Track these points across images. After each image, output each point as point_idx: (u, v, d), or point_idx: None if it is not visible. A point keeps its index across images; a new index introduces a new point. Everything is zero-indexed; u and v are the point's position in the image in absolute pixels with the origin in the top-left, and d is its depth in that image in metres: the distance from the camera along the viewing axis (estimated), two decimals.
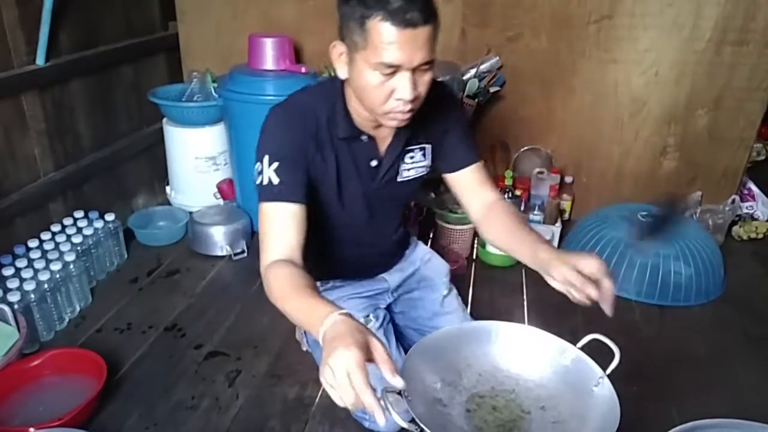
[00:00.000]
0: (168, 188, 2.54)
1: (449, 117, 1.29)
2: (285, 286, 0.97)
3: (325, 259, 1.35)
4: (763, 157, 3.16)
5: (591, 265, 0.97)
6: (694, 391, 1.58)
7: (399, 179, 1.29)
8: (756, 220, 2.49)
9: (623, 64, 2.23)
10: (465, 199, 1.33)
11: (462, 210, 2.21)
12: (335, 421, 1.45)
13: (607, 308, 0.95)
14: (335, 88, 1.17)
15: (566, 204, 2.49)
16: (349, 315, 0.85)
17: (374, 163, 1.24)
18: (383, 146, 1.23)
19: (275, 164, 1.10)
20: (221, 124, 2.36)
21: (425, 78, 1.03)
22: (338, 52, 1.06)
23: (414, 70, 0.99)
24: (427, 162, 1.31)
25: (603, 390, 0.93)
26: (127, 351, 1.67)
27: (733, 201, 2.35)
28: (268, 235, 1.08)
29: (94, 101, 2.15)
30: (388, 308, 1.49)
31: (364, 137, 1.19)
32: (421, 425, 0.82)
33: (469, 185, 1.31)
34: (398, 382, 0.77)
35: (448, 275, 1.55)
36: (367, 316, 1.36)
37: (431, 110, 1.20)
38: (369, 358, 0.78)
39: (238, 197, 2.39)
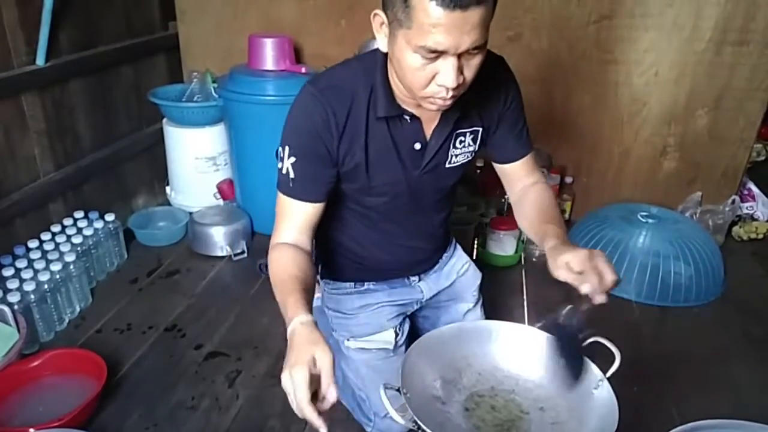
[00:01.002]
0: (168, 188, 2.54)
1: (506, 99, 1.17)
2: (279, 273, 1.00)
3: (364, 256, 1.30)
4: (763, 157, 3.16)
5: (576, 263, 0.92)
6: (694, 391, 1.58)
7: (447, 165, 1.18)
8: (756, 220, 2.49)
9: (623, 64, 2.23)
10: (508, 186, 1.28)
11: (461, 209, 2.24)
12: (335, 421, 1.45)
13: (599, 298, 0.90)
14: (377, 60, 1.06)
15: (566, 204, 2.49)
16: (309, 323, 0.87)
17: (418, 146, 1.12)
18: (429, 127, 1.11)
19: (293, 158, 1.06)
20: (221, 124, 2.36)
21: (473, 62, 0.92)
22: (380, 21, 0.95)
23: (461, 55, 0.89)
24: (475, 147, 1.20)
25: (602, 393, 0.93)
26: (127, 351, 1.67)
27: (733, 201, 2.34)
28: (281, 221, 1.10)
29: (94, 101, 2.15)
30: (413, 312, 1.44)
31: (406, 116, 1.08)
32: (419, 422, 0.82)
33: (516, 175, 1.25)
34: (331, 395, 0.82)
35: (478, 288, 1.49)
36: (395, 327, 1.32)
37: (487, 90, 1.12)
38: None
39: (238, 197, 2.39)
